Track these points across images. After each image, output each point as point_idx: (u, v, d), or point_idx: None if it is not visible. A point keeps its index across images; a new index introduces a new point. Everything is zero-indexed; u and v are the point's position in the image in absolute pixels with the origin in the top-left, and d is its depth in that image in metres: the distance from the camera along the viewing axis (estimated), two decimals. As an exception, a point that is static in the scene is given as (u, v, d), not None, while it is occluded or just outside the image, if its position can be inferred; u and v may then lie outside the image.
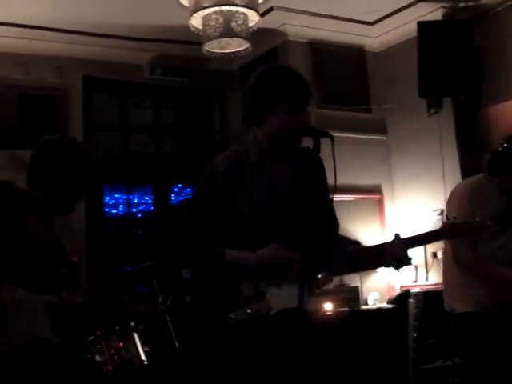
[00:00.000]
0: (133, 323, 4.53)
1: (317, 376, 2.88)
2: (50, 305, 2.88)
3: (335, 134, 2.93)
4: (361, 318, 6.36)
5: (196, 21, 5.32)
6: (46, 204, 3.07)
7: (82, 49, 7.15)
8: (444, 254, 4.24)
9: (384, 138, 7.65)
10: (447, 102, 6.78)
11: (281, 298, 2.80)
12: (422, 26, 6.56)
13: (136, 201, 8.49)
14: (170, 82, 7.77)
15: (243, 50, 5.59)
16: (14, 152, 6.76)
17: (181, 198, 8.67)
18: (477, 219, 3.12)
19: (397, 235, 2.98)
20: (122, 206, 8.30)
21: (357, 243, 3.23)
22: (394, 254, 2.93)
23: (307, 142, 2.94)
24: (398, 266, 2.99)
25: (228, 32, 5.28)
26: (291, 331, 2.80)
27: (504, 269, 3.76)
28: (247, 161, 2.94)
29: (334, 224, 3.13)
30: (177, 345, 4.55)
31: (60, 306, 2.90)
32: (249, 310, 2.77)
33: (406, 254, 2.94)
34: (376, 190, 7.55)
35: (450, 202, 4.01)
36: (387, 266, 3.04)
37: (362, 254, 3.09)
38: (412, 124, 7.19)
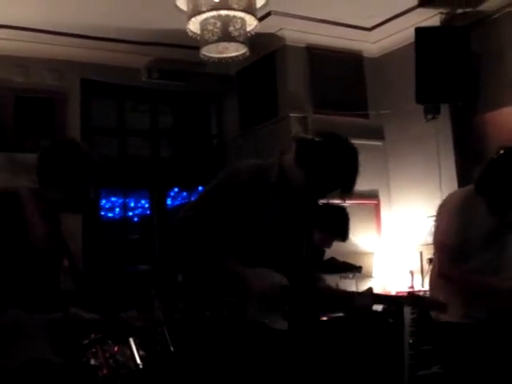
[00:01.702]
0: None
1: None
2: (53, 322, 2.89)
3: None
4: (356, 323, 6.35)
5: (194, 25, 5.31)
6: (61, 203, 3.08)
7: (80, 52, 7.16)
8: (433, 261, 4.24)
9: (381, 143, 7.66)
10: (444, 108, 6.78)
11: (258, 310, 2.88)
12: (420, 32, 6.57)
13: (132, 204, 8.48)
14: (168, 85, 7.77)
15: (241, 54, 5.58)
16: (12, 154, 6.76)
17: (177, 202, 8.66)
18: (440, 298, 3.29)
19: (370, 289, 3.20)
20: (118, 209, 8.29)
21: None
22: (361, 306, 3.16)
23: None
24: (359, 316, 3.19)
25: (226, 36, 5.26)
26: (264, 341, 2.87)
27: (486, 278, 3.75)
28: (266, 179, 2.98)
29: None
30: (172, 349, 4.53)
31: (64, 323, 2.91)
32: (224, 312, 2.87)
33: (371, 308, 3.19)
34: (373, 196, 7.54)
35: (441, 212, 3.99)
36: (348, 314, 3.25)
37: (330, 295, 3.31)
38: (409, 130, 7.19)
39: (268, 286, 2.86)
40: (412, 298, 3.48)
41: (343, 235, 4.82)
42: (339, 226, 4.74)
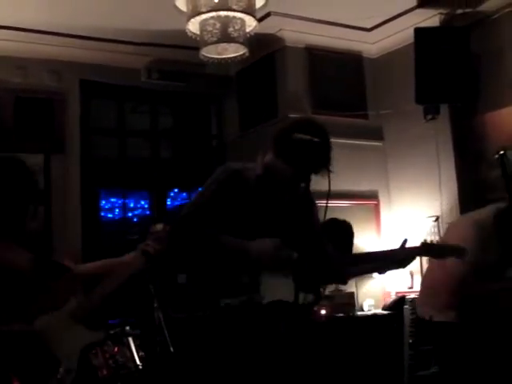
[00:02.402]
0: (128, 327, 4.52)
1: (308, 369, 2.96)
2: (72, 314, 2.90)
3: (331, 140, 2.96)
4: (356, 323, 6.36)
5: (193, 26, 5.31)
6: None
7: (80, 52, 7.16)
8: (430, 261, 4.25)
9: (381, 144, 7.66)
10: (444, 109, 6.77)
11: (275, 288, 2.92)
12: (420, 32, 6.57)
13: (132, 205, 8.48)
14: (167, 86, 7.77)
15: (240, 55, 5.57)
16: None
17: (177, 203, 8.65)
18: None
19: (405, 241, 3.24)
20: (117, 210, 8.28)
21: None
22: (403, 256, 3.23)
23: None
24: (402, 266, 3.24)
25: (225, 37, 5.26)
26: (286, 322, 2.92)
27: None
28: (252, 173, 3.08)
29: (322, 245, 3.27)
30: (171, 349, 4.53)
31: (82, 308, 2.93)
32: (244, 298, 2.92)
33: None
34: (372, 196, 7.55)
35: (454, 233, 4.01)
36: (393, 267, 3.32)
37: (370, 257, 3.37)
38: (409, 130, 7.19)
39: (273, 255, 2.89)
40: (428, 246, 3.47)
41: (348, 251, 4.81)
42: (344, 242, 4.73)
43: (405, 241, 3.22)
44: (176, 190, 8.62)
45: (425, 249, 3.38)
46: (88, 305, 2.99)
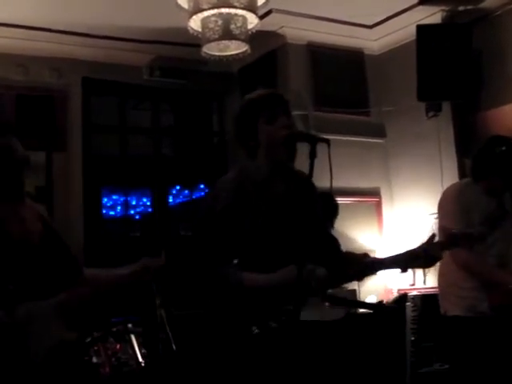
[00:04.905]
0: (130, 325, 4.52)
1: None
2: (60, 303, 2.86)
3: (333, 137, 2.96)
4: (358, 320, 6.35)
5: (195, 23, 5.32)
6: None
7: (81, 50, 7.16)
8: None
9: (382, 141, 7.65)
10: (446, 106, 6.78)
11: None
12: (421, 29, 6.56)
13: (134, 202, 8.49)
14: (169, 83, 7.77)
15: (242, 52, 5.59)
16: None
17: (178, 200, 8.66)
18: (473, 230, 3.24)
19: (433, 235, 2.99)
20: (119, 207, 8.29)
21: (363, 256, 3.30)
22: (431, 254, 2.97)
23: (304, 148, 2.93)
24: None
25: (227, 34, 5.27)
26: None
27: (503, 274, 3.81)
28: (251, 181, 2.98)
29: (333, 242, 3.20)
30: (174, 347, 4.53)
31: (70, 303, 2.89)
32: (273, 324, 2.80)
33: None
34: (374, 193, 7.54)
35: (440, 205, 4.12)
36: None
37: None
38: (410, 127, 7.19)
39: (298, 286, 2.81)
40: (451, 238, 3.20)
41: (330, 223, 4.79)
42: (327, 214, 4.69)
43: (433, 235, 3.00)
44: (178, 188, 8.64)
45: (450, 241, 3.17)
46: (76, 300, 2.95)
